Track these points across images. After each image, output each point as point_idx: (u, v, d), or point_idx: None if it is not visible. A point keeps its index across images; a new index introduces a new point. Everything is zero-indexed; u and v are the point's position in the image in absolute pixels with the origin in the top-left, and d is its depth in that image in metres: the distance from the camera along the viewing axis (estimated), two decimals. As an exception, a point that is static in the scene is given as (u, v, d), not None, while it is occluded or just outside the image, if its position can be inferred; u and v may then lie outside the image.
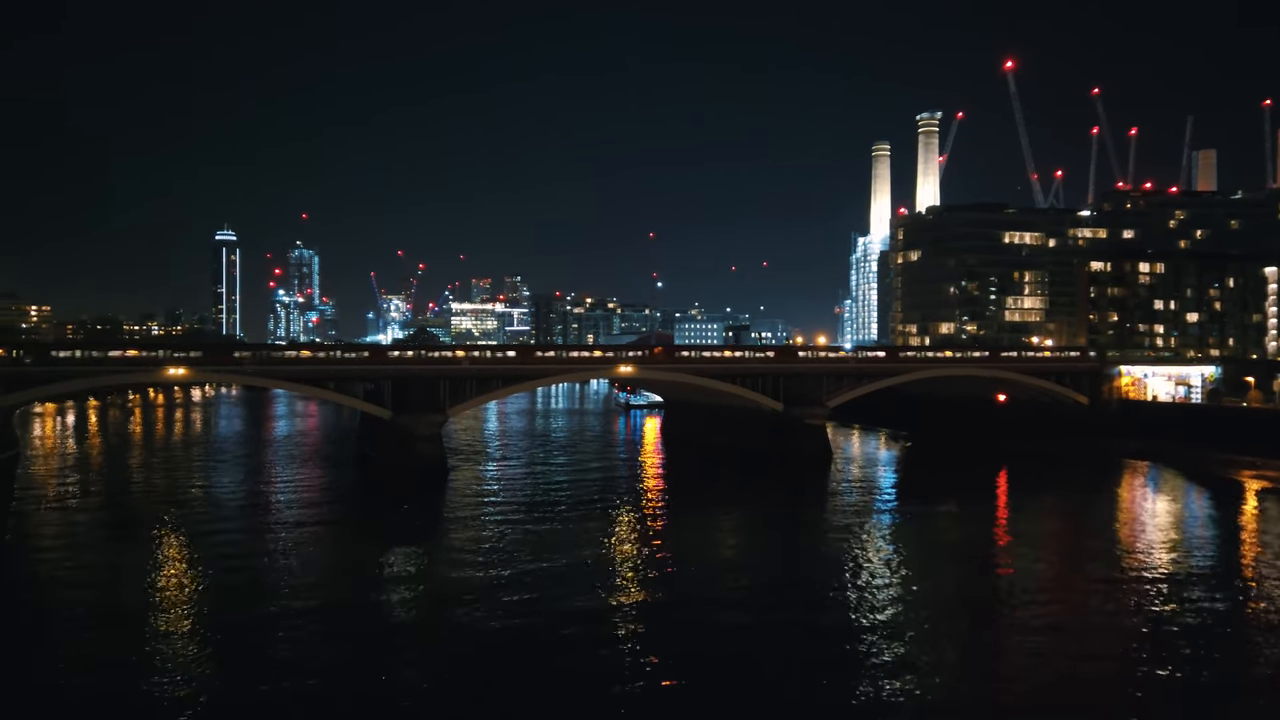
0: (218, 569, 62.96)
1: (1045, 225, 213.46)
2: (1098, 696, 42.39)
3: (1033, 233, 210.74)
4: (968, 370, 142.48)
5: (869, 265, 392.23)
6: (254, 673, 43.62)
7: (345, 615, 53.13)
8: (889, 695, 42.03)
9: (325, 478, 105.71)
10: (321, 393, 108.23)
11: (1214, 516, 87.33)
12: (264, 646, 47.22)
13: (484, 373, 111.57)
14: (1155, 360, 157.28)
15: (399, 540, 73.47)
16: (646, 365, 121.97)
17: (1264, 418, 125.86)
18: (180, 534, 75.50)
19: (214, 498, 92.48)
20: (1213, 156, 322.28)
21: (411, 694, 42.31)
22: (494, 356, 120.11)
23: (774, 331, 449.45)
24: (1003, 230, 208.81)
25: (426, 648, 48.40)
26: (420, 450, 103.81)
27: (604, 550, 68.99)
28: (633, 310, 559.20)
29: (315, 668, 44.49)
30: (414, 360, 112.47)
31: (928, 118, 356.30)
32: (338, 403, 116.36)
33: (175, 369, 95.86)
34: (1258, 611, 55.26)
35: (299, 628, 50.49)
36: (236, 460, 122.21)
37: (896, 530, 79.20)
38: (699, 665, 45.20)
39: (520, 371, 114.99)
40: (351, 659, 45.91)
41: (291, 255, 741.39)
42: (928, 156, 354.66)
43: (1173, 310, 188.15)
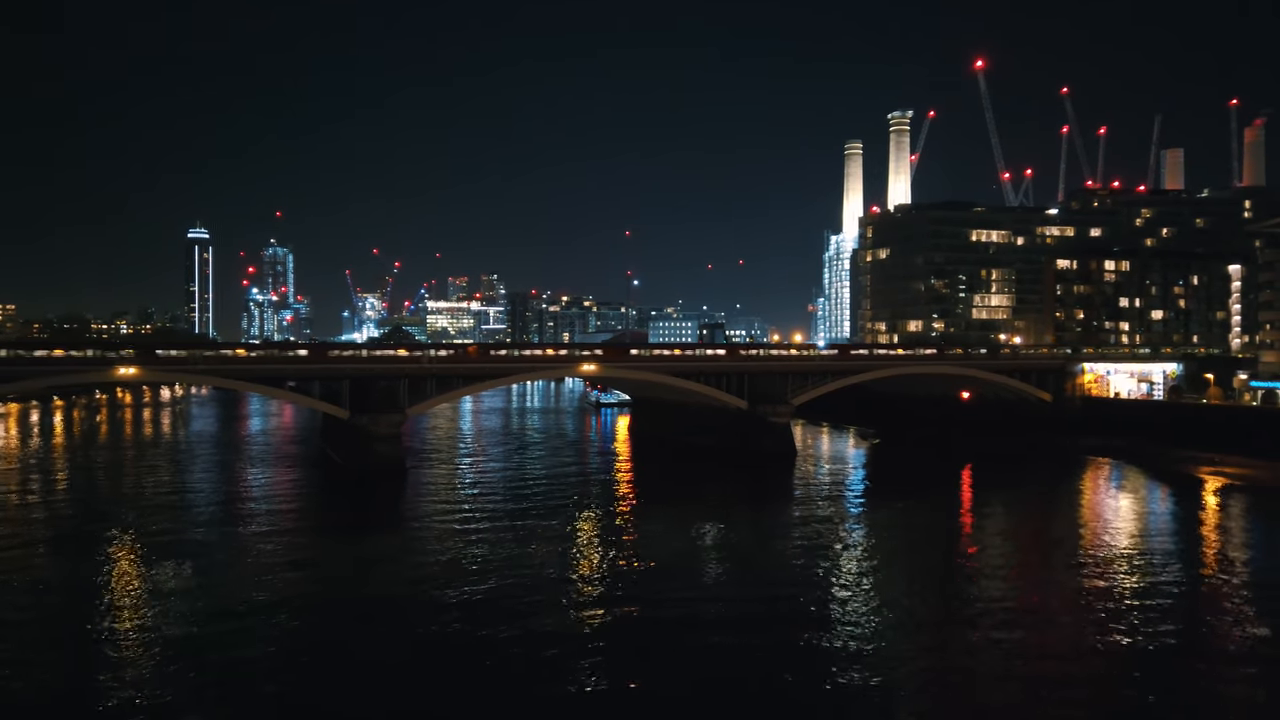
0: (151, 574, 61.64)
1: (1013, 224, 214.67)
2: (1064, 692, 42.45)
3: (1000, 231, 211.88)
4: (932, 368, 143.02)
5: (841, 263, 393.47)
6: (187, 678, 42.70)
7: (277, 622, 52.05)
8: (851, 692, 41.84)
9: (281, 479, 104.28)
10: (277, 393, 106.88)
11: (1171, 514, 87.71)
12: (188, 655, 46.22)
13: (444, 372, 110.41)
14: (1118, 358, 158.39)
15: (340, 545, 72.02)
16: (608, 364, 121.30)
17: (1222, 415, 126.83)
18: (120, 537, 73.93)
19: (161, 500, 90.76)
20: (1180, 156, 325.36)
21: (339, 698, 41.48)
22: (455, 355, 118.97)
23: (749, 329, 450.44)
24: (971, 229, 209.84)
25: (355, 657, 47.47)
26: (378, 450, 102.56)
27: (551, 553, 67.89)
28: (608, 308, 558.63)
29: (242, 674, 43.60)
30: (372, 359, 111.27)
31: (899, 116, 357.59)
32: (296, 403, 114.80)
33: (125, 369, 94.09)
34: (1216, 607, 55.46)
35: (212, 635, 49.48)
36: (194, 461, 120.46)
37: (855, 531, 78.78)
38: (655, 667, 44.67)
39: (482, 370, 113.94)
40: (279, 666, 45.01)
41: (265, 253, 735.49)
42: (899, 155, 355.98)
43: (1138, 308, 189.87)
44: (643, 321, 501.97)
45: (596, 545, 71.38)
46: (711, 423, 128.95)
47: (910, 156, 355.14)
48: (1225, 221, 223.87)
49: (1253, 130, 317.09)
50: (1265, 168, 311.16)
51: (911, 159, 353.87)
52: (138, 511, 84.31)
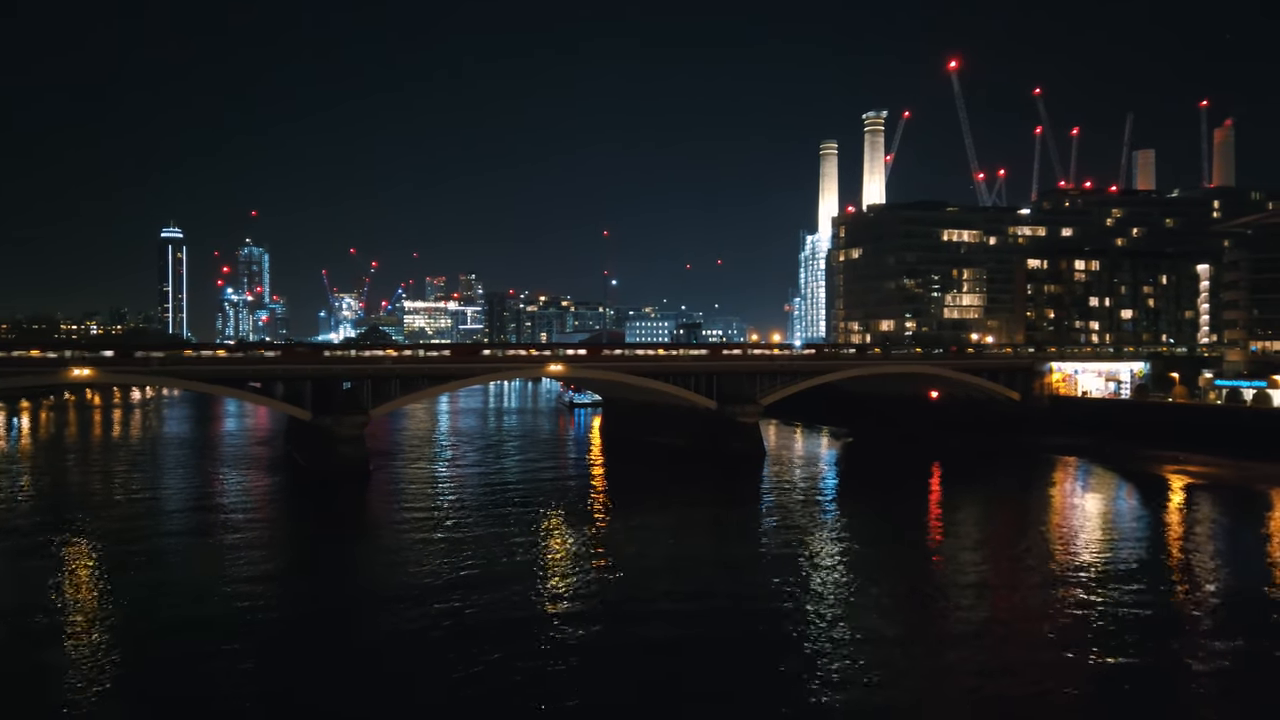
0: (91, 583, 60.45)
1: (985, 224, 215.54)
2: (1032, 690, 42.43)
3: (972, 231, 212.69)
4: (901, 368, 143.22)
5: (817, 263, 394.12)
6: (123, 690, 41.67)
7: (212, 634, 50.97)
8: (816, 694, 41.44)
9: (241, 482, 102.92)
10: (238, 394, 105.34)
11: (1135, 515, 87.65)
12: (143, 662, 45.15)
13: (409, 372, 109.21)
14: (1085, 357, 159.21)
15: (292, 551, 70.96)
16: (575, 364, 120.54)
17: (1187, 414, 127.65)
18: (63, 544, 72.37)
19: (113, 504, 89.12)
20: (1151, 156, 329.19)
21: (290, 706, 40.58)
22: (420, 356, 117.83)
23: (727, 329, 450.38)
24: (942, 228, 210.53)
25: (293, 670, 46.53)
26: (340, 452, 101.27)
27: (504, 558, 66.75)
28: (586, 308, 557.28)
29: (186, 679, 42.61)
30: (334, 360, 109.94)
31: (873, 116, 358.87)
32: (258, 404, 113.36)
33: (79, 370, 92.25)
34: (1178, 603, 55.71)
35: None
36: (153, 463, 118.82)
37: (817, 535, 77.86)
38: (615, 671, 44.17)
39: (447, 371, 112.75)
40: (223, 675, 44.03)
41: (241, 253, 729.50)
42: (874, 155, 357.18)
43: (1108, 307, 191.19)
44: (621, 321, 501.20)
45: (552, 551, 70.47)
46: (680, 423, 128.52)
47: (885, 157, 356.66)
48: (1194, 221, 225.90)
49: (1222, 131, 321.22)
50: (1234, 168, 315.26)
51: (887, 159, 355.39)
52: (86, 516, 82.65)
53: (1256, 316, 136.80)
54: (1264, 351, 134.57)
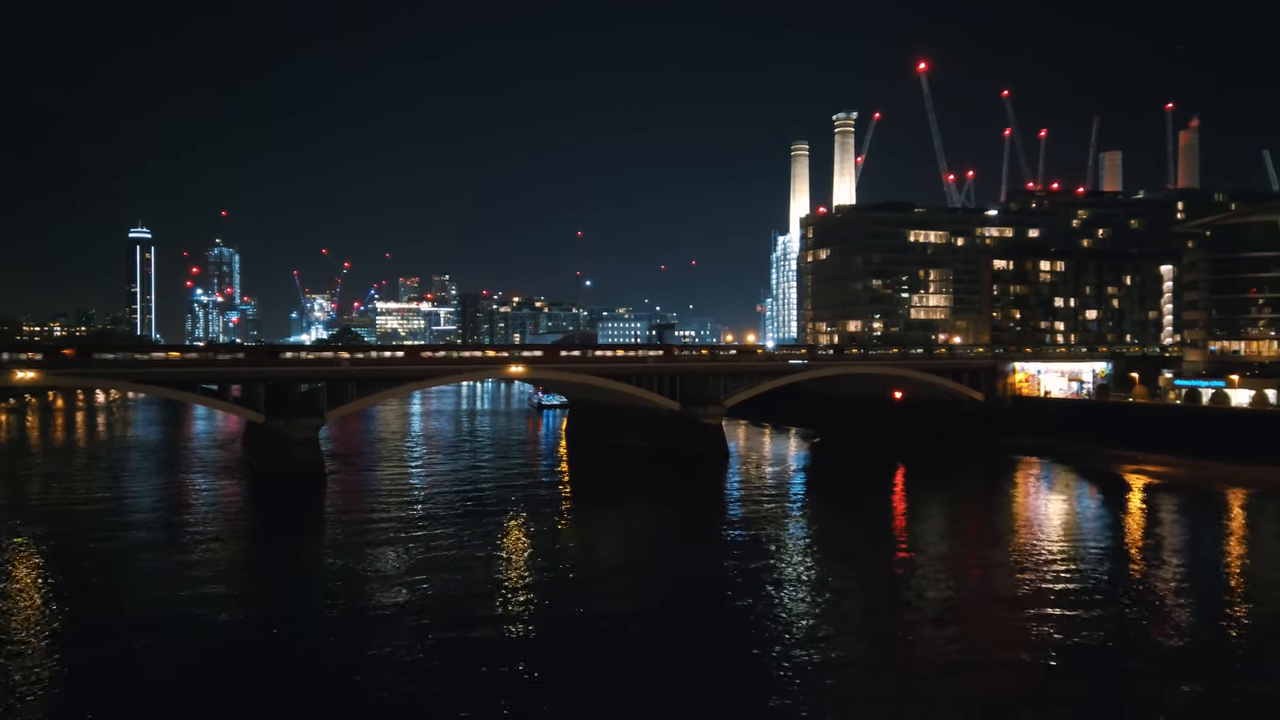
0: (27, 588, 58.74)
1: (952, 224, 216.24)
2: (997, 691, 42.33)
3: (939, 232, 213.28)
4: (866, 368, 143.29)
5: (789, 264, 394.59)
6: (68, 691, 40.29)
7: (136, 644, 49.58)
8: (778, 699, 40.92)
9: (194, 486, 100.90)
10: (190, 397, 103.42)
11: (1092, 515, 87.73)
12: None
13: (365, 374, 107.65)
14: (1048, 357, 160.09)
15: (236, 557, 69.20)
16: (536, 365, 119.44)
17: (1147, 414, 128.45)
18: (5, 547, 70.57)
19: (60, 508, 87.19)
20: (1118, 158, 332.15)
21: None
22: (377, 357, 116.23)
23: (701, 330, 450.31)
24: (910, 229, 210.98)
25: (232, 679, 45.23)
26: (294, 456, 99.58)
27: (453, 562, 65.68)
28: (560, 309, 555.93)
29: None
30: (289, 362, 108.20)
31: (844, 118, 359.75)
32: (211, 408, 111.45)
33: (24, 372, 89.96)
34: (1136, 607, 55.43)
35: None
36: (106, 466, 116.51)
37: (774, 537, 77.15)
38: (563, 680, 43.20)
39: (405, 373, 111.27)
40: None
41: (211, 253, 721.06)
42: (844, 156, 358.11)
43: (1073, 307, 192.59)
44: (594, 322, 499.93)
45: (498, 557, 69.13)
46: (644, 425, 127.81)
47: (857, 158, 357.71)
48: (1159, 222, 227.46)
49: (1187, 133, 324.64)
50: (1199, 170, 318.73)
51: (858, 160, 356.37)
52: (27, 520, 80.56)
53: (1215, 317, 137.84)
54: (1222, 352, 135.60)
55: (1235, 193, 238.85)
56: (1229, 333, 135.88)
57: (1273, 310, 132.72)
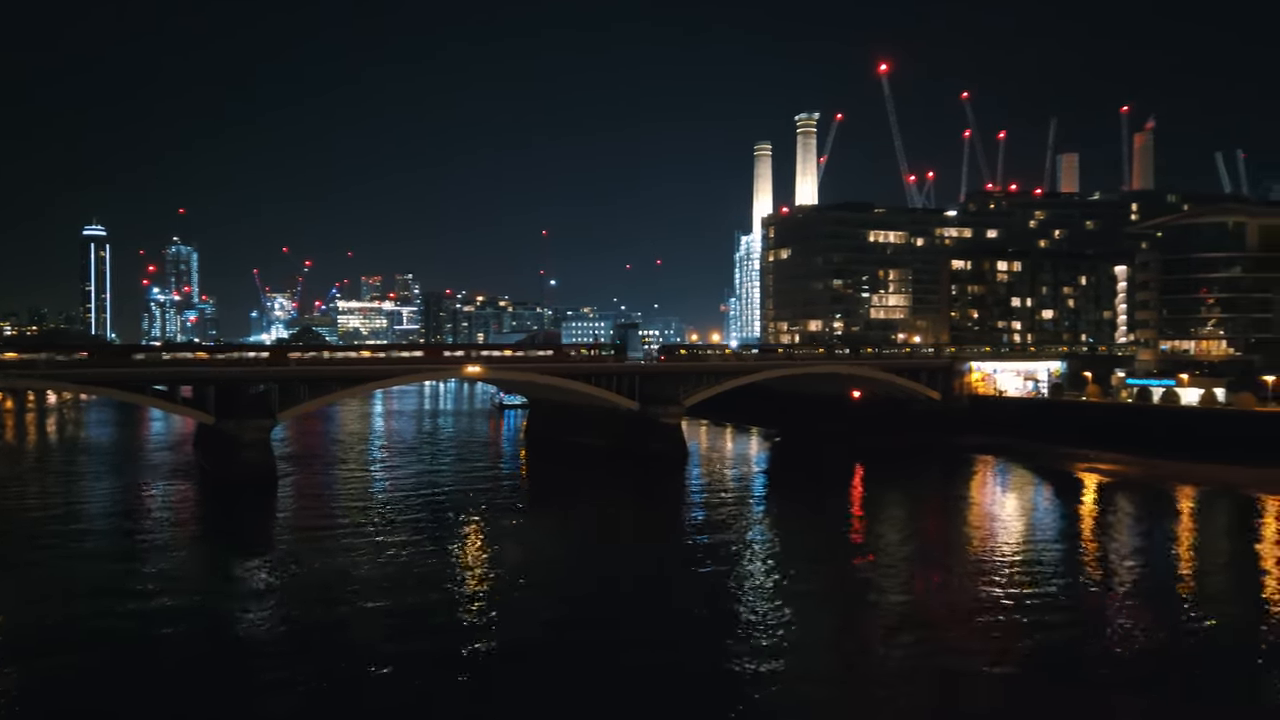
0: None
1: (911, 225, 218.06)
2: (957, 689, 42.42)
3: (898, 232, 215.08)
4: (824, 367, 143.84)
5: (752, 263, 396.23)
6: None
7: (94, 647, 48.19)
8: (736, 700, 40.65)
9: (141, 488, 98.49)
10: (136, 398, 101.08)
11: (1044, 513, 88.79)
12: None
13: (318, 374, 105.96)
14: (1004, 356, 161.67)
15: (174, 564, 67.32)
16: (494, 365, 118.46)
17: (1099, 412, 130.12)
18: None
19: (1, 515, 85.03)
20: (1075, 160, 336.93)
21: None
22: (329, 357, 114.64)
23: (666, 329, 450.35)
24: (870, 230, 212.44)
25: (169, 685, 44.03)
26: (245, 458, 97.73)
27: (398, 565, 64.40)
28: (524, 308, 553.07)
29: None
30: (238, 362, 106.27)
31: (806, 118, 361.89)
32: (159, 409, 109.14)
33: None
34: (1085, 598, 56.40)
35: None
36: (52, 469, 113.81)
37: (727, 535, 76.67)
38: (509, 686, 42.59)
39: (359, 373, 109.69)
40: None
41: (168, 251, 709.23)
42: (806, 157, 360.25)
43: (1029, 307, 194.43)
44: (559, 321, 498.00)
45: (453, 561, 68.21)
46: (604, 424, 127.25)
47: (820, 158, 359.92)
48: (1114, 223, 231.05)
49: (1142, 135, 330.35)
50: (1153, 171, 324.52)
51: (821, 160, 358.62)
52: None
53: (1166, 317, 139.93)
54: (1173, 351, 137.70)
55: (1188, 194, 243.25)
56: (1179, 332, 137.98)
57: (1222, 310, 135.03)
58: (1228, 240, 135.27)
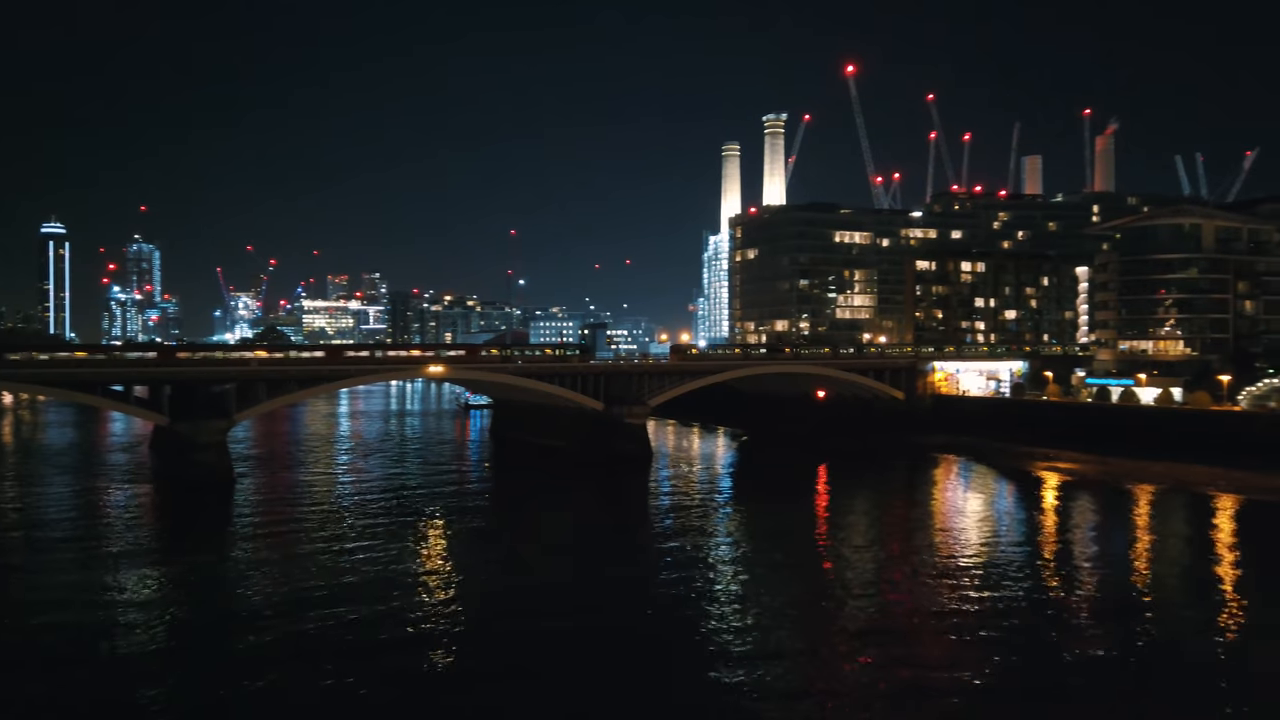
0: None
1: (876, 225, 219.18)
2: (920, 689, 42.20)
3: (864, 233, 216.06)
4: (789, 367, 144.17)
5: (720, 263, 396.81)
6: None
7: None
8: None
9: (95, 492, 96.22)
10: (89, 399, 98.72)
11: (1006, 511, 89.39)
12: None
13: (276, 375, 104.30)
14: (967, 356, 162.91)
15: (119, 565, 65.33)
16: (456, 365, 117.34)
17: (1059, 411, 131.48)
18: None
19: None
20: (1039, 162, 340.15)
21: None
22: (288, 358, 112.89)
23: (635, 329, 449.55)
24: (835, 230, 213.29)
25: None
26: (200, 460, 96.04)
27: (353, 569, 63.34)
28: (493, 308, 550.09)
29: None
30: (195, 362, 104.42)
31: (773, 119, 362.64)
32: (113, 410, 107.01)
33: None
34: (1046, 596, 56.26)
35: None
36: (9, 474, 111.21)
37: (694, 542, 76.31)
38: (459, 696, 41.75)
39: (319, 373, 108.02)
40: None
41: (129, 250, 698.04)
42: (774, 157, 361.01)
43: (992, 307, 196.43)
44: (527, 321, 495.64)
45: (402, 565, 66.78)
46: (568, 424, 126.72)
47: (789, 159, 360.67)
48: (1076, 225, 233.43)
49: (1103, 139, 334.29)
50: (1114, 173, 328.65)
51: (789, 161, 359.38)
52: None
53: (1125, 317, 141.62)
54: (1131, 351, 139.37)
55: (1148, 196, 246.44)
56: (1138, 332, 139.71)
57: (1179, 311, 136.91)
58: (1184, 242, 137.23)
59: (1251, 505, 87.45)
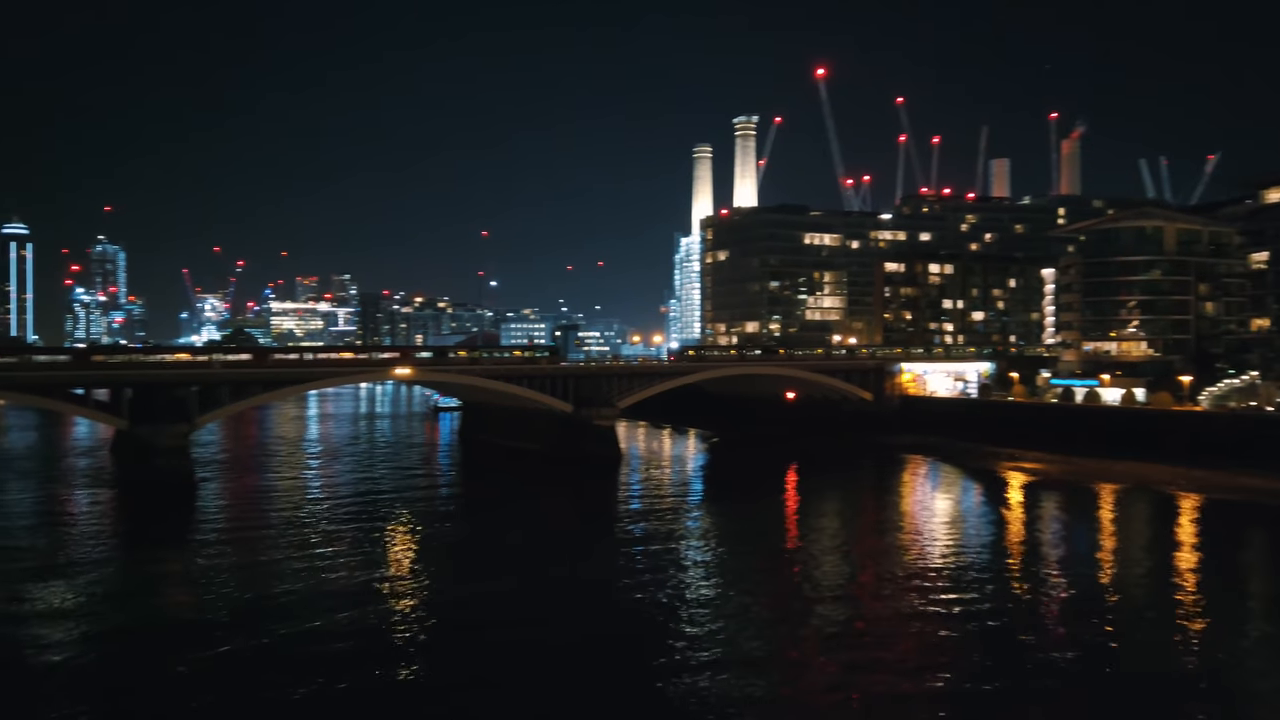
0: None
1: (846, 228, 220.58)
2: (890, 695, 42.07)
3: (834, 235, 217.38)
4: (758, 369, 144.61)
5: (691, 265, 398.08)
6: None
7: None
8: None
9: (53, 497, 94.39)
10: (47, 402, 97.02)
11: (973, 510, 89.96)
12: None
13: (240, 378, 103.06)
14: (934, 357, 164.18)
15: (73, 572, 63.92)
16: (425, 367, 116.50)
17: (1024, 412, 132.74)
18: None
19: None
20: (1006, 165, 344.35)
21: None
22: (251, 360, 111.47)
23: (607, 330, 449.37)
24: (805, 232, 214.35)
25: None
26: (161, 464, 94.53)
27: (311, 576, 61.96)
28: (464, 310, 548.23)
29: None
30: (155, 365, 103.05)
31: (744, 121, 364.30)
32: (72, 413, 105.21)
33: None
34: (1013, 595, 56.30)
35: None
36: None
37: (660, 548, 75.54)
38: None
39: (283, 375, 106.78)
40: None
41: (94, 251, 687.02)
42: (745, 159, 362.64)
43: (960, 309, 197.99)
44: (499, 323, 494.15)
45: (363, 570, 65.64)
46: (537, 427, 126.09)
47: (759, 161, 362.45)
48: (1042, 227, 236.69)
49: (1069, 142, 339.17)
50: (1080, 176, 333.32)
51: (760, 163, 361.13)
52: None
53: (1089, 318, 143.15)
54: (1095, 352, 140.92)
55: (1112, 199, 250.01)
56: (1102, 334, 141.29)
57: (1141, 312, 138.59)
58: (1146, 244, 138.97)
59: (1212, 504, 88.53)
